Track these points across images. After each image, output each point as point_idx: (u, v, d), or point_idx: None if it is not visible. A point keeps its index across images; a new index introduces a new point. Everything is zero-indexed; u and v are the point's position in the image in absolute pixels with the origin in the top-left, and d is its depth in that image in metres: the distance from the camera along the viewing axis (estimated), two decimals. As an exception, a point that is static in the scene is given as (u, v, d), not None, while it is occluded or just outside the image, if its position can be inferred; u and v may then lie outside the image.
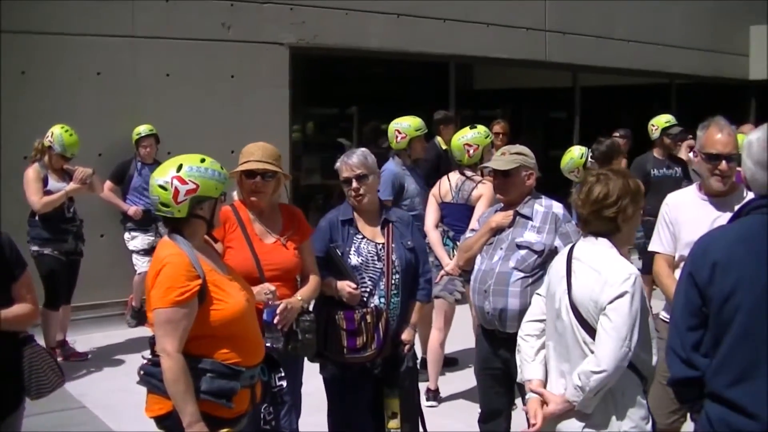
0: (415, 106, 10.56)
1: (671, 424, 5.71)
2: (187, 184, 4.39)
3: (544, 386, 4.55)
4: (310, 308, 5.68)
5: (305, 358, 5.80)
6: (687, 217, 5.64)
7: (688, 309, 3.74)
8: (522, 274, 5.70)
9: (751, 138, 3.79)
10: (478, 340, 6.15)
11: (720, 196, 5.59)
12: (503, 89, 17.98)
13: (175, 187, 4.38)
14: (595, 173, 4.56)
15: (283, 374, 5.18)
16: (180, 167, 4.43)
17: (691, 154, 11.35)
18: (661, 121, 11.22)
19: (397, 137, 9.11)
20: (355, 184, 5.80)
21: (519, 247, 5.78)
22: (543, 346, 4.67)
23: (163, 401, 4.36)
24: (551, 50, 15.82)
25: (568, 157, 9.64)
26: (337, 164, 5.92)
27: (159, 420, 4.46)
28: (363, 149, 6.03)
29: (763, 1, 19.57)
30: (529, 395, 4.57)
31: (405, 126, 9.10)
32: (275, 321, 5.28)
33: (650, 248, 5.92)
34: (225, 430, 4.33)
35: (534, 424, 4.42)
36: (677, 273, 5.44)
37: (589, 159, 9.53)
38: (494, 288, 5.76)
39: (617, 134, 12.52)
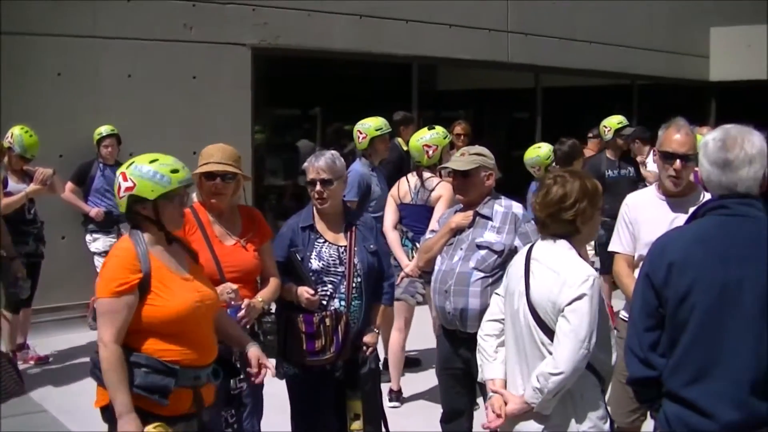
0: (378, 107, 10.55)
1: (632, 423, 5.76)
2: (128, 181, 4.45)
3: (505, 385, 4.56)
4: (272, 310, 5.69)
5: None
6: (646, 217, 5.68)
7: (645, 310, 3.80)
8: (482, 274, 5.72)
9: (707, 139, 3.85)
10: (439, 340, 6.18)
11: (678, 197, 5.62)
12: (466, 90, 18.04)
13: (119, 183, 4.48)
14: (552, 176, 4.57)
15: (243, 376, 5.18)
16: (131, 164, 4.51)
17: (649, 158, 11.45)
18: (614, 122, 11.30)
19: (359, 138, 9.14)
20: (319, 187, 5.80)
21: (479, 247, 5.81)
22: (503, 345, 4.68)
23: (105, 392, 4.38)
24: (513, 51, 15.89)
25: (535, 153, 9.74)
26: (305, 164, 5.93)
27: (102, 411, 4.51)
28: (333, 152, 6.03)
29: (723, 3, 19.77)
30: (490, 394, 4.58)
31: (366, 126, 9.13)
32: (237, 319, 5.28)
33: (610, 248, 5.95)
34: (156, 424, 4.30)
35: (499, 416, 4.43)
36: (637, 272, 5.50)
37: (553, 162, 9.61)
38: (455, 288, 5.78)
39: (590, 134, 12.55)
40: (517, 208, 5.98)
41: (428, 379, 8.62)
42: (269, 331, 5.53)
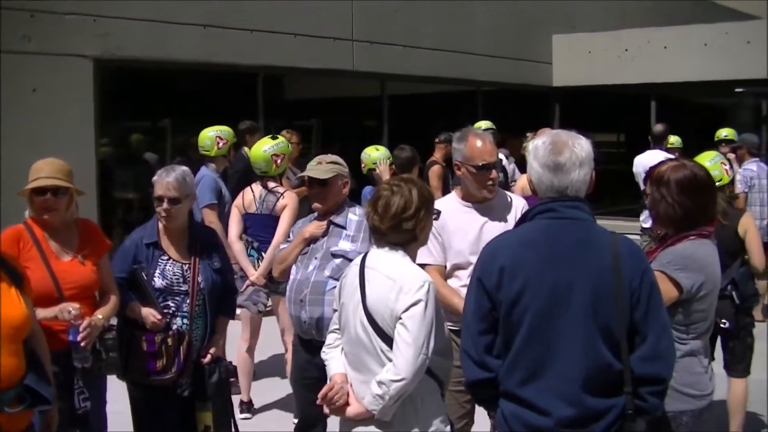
0: (224, 117, 10.48)
1: (462, 428, 5.85)
2: None
3: (347, 378, 4.56)
4: (113, 326, 5.59)
5: (107, 377, 5.70)
6: (455, 225, 5.71)
7: (478, 314, 3.89)
8: (337, 283, 5.74)
9: (537, 143, 3.98)
10: (295, 350, 6.17)
11: (484, 202, 5.75)
12: (313, 99, 18.04)
13: None
14: (388, 185, 4.58)
15: (87, 395, 5.09)
16: None
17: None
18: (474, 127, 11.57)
19: (218, 143, 9.33)
20: (166, 204, 5.74)
21: (334, 256, 5.84)
22: (335, 347, 4.71)
23: None
24: (358, 60, 15.98)
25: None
26: (155, 178, 5.85)
27: None
28: (184, 169, 5.96)
29: (564, 11, 20.32)
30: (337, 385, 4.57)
31: (225, 133, 9.40)
32: (79, 339, 5.18)
33: (419, 261, 5.93)
34: None
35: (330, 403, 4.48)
36: (451, 282, 5.65)
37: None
38: (310, 297, 5.79)
39: (437, 140, 12.71)
40: None
41: (279, 388, 8.63)
42: (111, 348, 5.43)
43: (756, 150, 11.62)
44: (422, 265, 5.74)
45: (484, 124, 11.73)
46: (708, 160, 7.25)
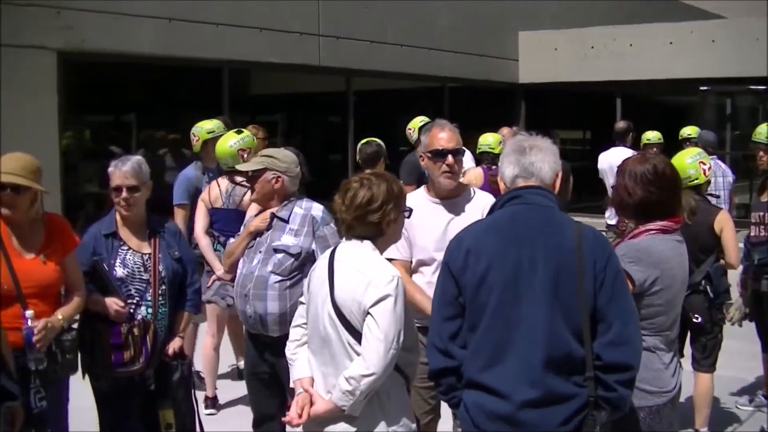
0: (189, 112, 10.42)
1: (427, 425, 5.84)
2: None
3: (313, 383, 4.54)
4: (73, 327, 5.50)
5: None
6: (421, 221, 5.59)
7: (445, 299, 3.96)
8: (280, 278, 5.71)
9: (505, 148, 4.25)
10: (246, 345, 6.14)
11: (451, 198, 5.73)
12: (279, 94, 17.98)
13: None
14: (358, 178, 4.56)
15: (43, 395, 5.00)
16: None
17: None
18: (416, 122, 11.51)
19: (192, 140, 9.07)
20: (125, 193, 5.67)
21: (276, 251, 5.79)
22: (303, 345, 4.68)
23: None
24: (325, 55, 15.96)
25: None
26: (110, 169, 5.76)
27: None
28: (138, 158, 5.89)
29: (530, 9, 20.39)
30: (298, 391, 4.54)
31: (199, 129, 9.03)
32: (34, 340, 5.06)
33: (385, 255, 5.92)
34: None
35: (300, 415, 4.42)
36: (416, 277, 5.65)
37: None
38: (254, 292, 5.76)
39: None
40: (316, 210, 5.92)
41: (244, 384, 8.57)
42: (68, 349, 5.30)
43: (713, 148, 11.64)
44: (388, 260, 5.75)
45: (418, 119, 11.67)
46: (688, 157, 7.23)
